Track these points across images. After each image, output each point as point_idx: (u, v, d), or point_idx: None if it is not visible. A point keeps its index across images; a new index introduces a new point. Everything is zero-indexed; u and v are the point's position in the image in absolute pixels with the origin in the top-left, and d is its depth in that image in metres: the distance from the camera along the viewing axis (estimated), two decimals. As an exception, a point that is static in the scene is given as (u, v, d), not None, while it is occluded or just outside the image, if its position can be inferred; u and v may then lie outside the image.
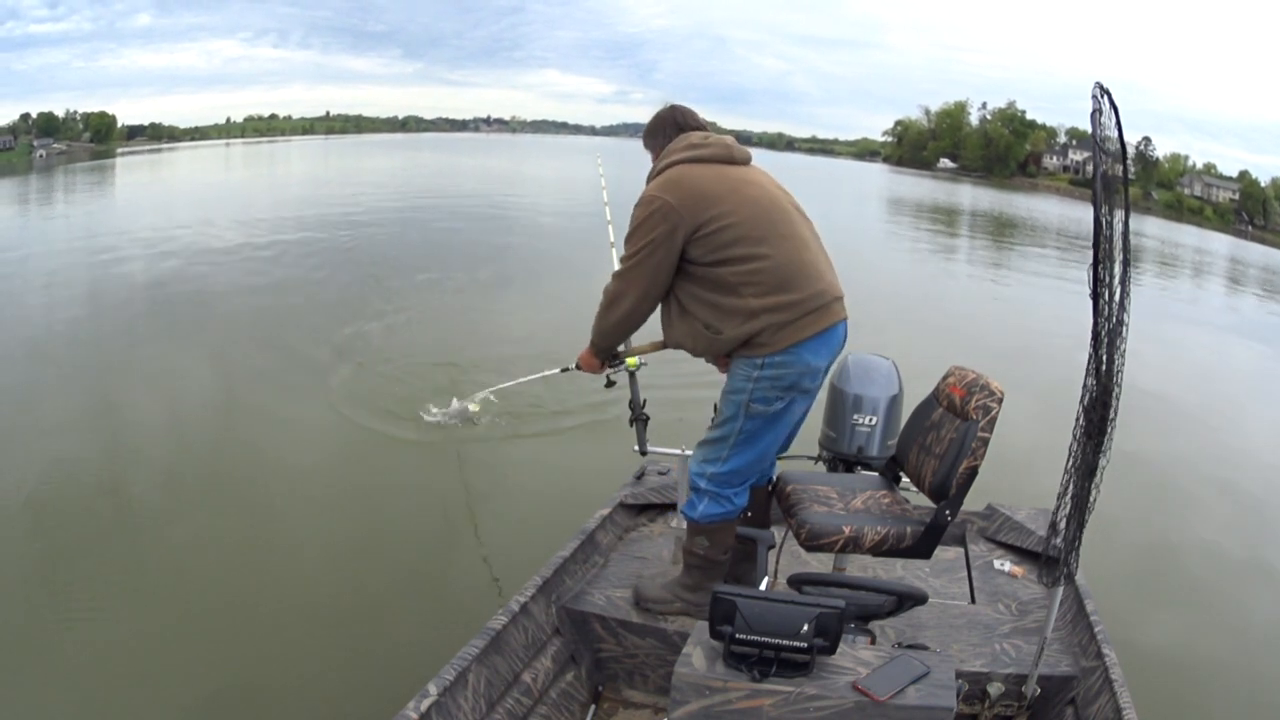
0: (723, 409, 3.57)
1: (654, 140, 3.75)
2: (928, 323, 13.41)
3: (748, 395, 3.47)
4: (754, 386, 3.45)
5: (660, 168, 3.58)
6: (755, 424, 3.53)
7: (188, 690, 4.22)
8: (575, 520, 4.35)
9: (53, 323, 11.48)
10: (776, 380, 3.45)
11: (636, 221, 3.47)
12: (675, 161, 3.54)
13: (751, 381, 3.45)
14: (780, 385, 3.46)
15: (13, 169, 53.90)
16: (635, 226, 3.48)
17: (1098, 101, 2.59)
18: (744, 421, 3.52)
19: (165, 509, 6.11)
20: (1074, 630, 3.74)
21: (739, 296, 3.37)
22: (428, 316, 12.02)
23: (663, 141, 3.69)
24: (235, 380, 8.87)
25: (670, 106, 3.77)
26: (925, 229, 35.29)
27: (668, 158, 3.58)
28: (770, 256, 3.39)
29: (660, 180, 3.51)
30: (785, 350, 3.41)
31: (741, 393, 3.48)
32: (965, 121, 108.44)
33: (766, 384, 3.45)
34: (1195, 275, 32.04)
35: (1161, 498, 7.45)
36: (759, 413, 3.50)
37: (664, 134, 3.70)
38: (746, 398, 3.48)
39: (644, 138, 3.81)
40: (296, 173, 48.64)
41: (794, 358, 3.43)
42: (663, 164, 3.58)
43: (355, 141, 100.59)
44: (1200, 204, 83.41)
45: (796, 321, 3.41)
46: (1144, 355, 11.73)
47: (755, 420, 3.52)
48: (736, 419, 3.52)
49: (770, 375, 3.43)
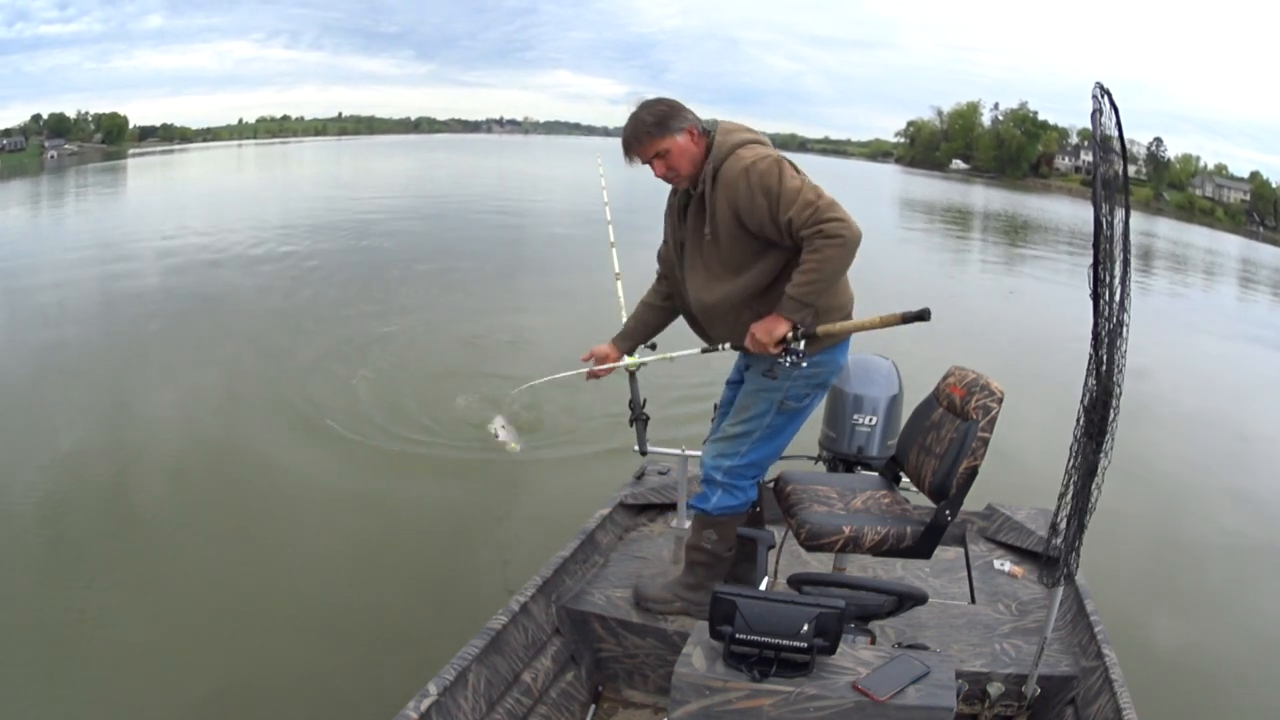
0: (752, 405, 3.56)
1: (688, 115, 3.41)
2: (929, 323, 13.34)
3: (784, 393, 3.49)
4: (792, 384, 3.47)
5: (743, 140, 3.37)
6: (784, 419, 3.56)
7: (190, 688, 4.24)
8: (575, 520, 4.35)
9: (64, 323, 11.56)
10: (813, 378, 3.48)
11: (780, 173, 3.23)
12: (754, 140, 3.40)
13: (791, 379, 3.45)
14: (814, 383, 3.51)
15: (24, 170, 54.14)
16: (783, 175, 3.23)
17: (1098, 101, 2.59)
18: (774, 417, 3.54)
19: (172, 509, 6.15)
20: (1074, 630, 3.73)
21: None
22: (446, 324, 12.00)
23: (691, 122, 3.41)
24: (246, 384, 8.88)
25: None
26: (937, 230, 35.27)
27: (738, 134, 3.40)
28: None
29: (758, 149, 3.33)
30: (827, 350, 3.44)
31: (778, 390, 3.48)
32: (977, 122, 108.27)
33: (804, 381, 3.47)
34: (1207, 277, 31.91)
35: (1166, 499, 7.43)
36: (791, 409, 3.54)
37: (687, 116, 3.42)
38: (783, 395, 3.49)
39: (671, 115, 3.39)
40: (310, 175, 48.64)
41: (831, 357, 3.49)
42: (741, 139, 3.38)
43: (368, 143, 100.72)
44: (1211, 205, 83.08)
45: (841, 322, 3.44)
46: (1153, 357, 11.75)
47: (785, 415, 3.55)
48: (766, 414, 3.53)
49: (809, 373, 3.43)
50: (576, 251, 16.75)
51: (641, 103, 3.45)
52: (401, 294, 13.41)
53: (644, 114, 3.40)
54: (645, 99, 3.47)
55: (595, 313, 5.33)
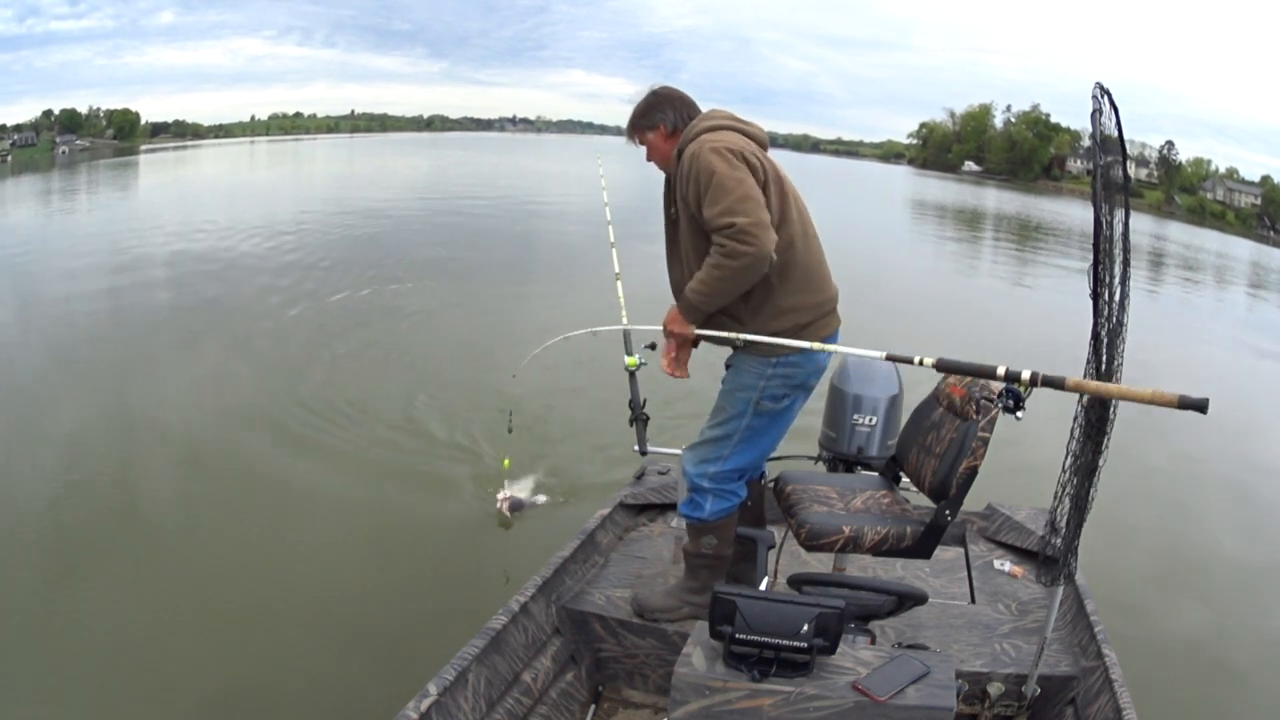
0: (728, 406, 3.55)
1: (666, 114, 3.52)
2: (931, 323, 13.40)
3: (759, 393, 3.47)
4: (766, 385, 3.46)
5: (709, 127, 3.41)
6: (762, 421, 3.54)
7: (190, 688, 4.25)
8: (575, 520, 4.36)
9: (74, 317, 11.60)
10: (788, 379, 3.46)
11: (714, 167, 3.21)
12: (724, 126, 3.41)
13: (764, 379, 3.45)
14: (792, 384, 3.48)
15: (35, 165, 54.30)
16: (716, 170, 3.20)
17: (1098, 101, 2.58)
18: (751, 419, 3.52)
19: (174, 505, 6.17)
20: (1074, 630, 3.73)
21: (769, 291, 3.34)
22: (451, 325, 12.00)
23: (685, 115, 3.51)
24: (248, 383, 8.90)
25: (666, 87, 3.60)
26: (949, 231, 35.24)
27: (710, 120, 3.45)
28: (800, 253, 3.38)
29: (718, 135, 3.34)
30: (804, 351, 3.42)
31: (752, 390, 3.47)
32: (990, 124, 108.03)
33: (779, 381, 3.46)
34: (1217, 281, 31.83)
35: (1167, 500, 7.42)
36: (768, 410, 3.51)
37: (678, 107, 3.52)
38: (757, 395, 3.48)
39: (646, 113, 3.54)
40: (322, 172, 48.66)
41: (809, 358, 3.45)
42: (709, 124, 3.42)
43: (380, 140, 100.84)
44: (1222, 209, 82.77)
45: (815, 323, 3.44)
46: (1160, 359, 11.74)
47: (763, 417, 3.53)
48: (743, 416, 3.52)
49: (783, 374, 3.44)
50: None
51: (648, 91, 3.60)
52: (414, 296, 13.41)
53: (637, 105, 3.59)
54: (655, 86, 3.60)
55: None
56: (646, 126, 3.55)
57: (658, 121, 3.52)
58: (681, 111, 3.52)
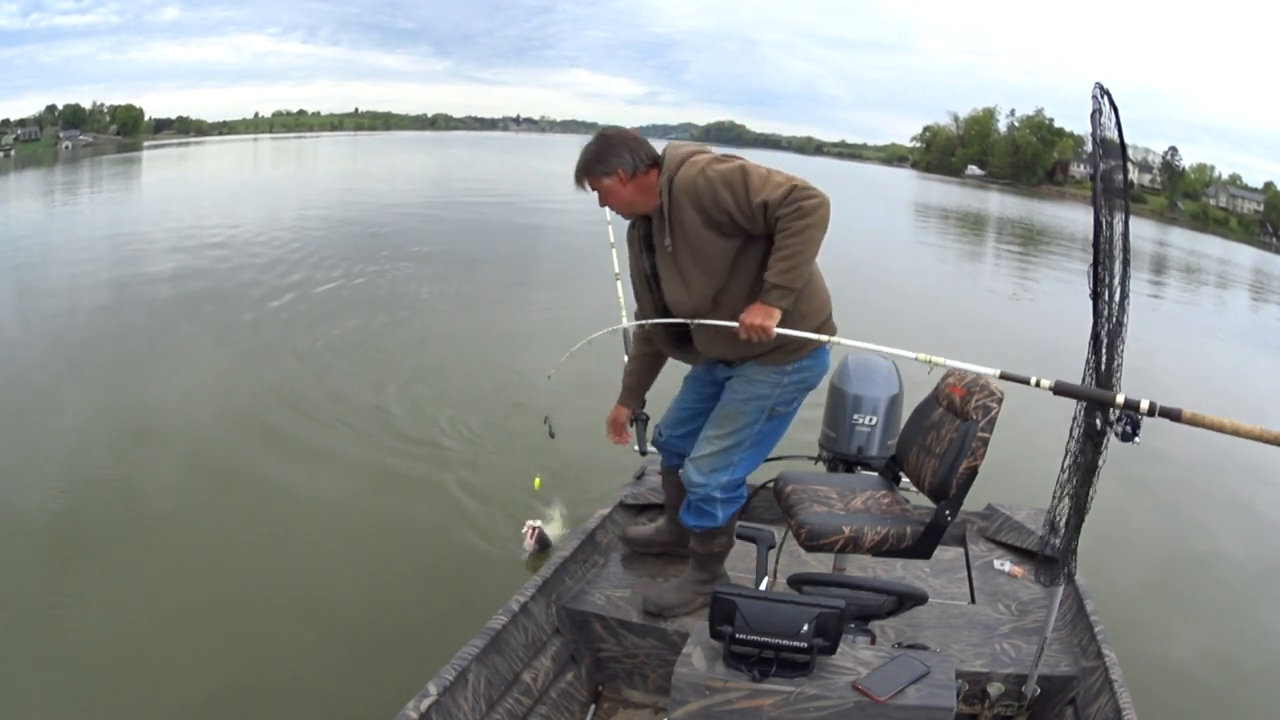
0: (741, 414, 3.55)
1: (624, 157, 3.42)
2: (932, 323, 13.38)
3: (773, 400, 3.51)
4: (781, 392, 3.50)
5: (691, 151, 3.41)
6: (773, 425, 3.59)
7: (189, 687, 4.23)
8: (577, 521, 4.36)
9: (76, 313, 11.61)
10: (801, 382, 3.52)
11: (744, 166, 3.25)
12: (701, 151, 3.43)
13: (780, 387, 3.49)
14: (803, 387, 3.54)
15: (38, 160, 54.23)
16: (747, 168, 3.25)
17: (1097, 102, 2.59)
18: (763, 425, 3.55)
19: (174, 503, 6.14)
20: (1074, 630, 3.74)
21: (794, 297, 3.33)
22: (457, 324, 11.94)
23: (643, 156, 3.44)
24: (251, 383, 8.86)
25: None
26: (951, 234, 35.23)
27: (685, 147, 3.45)
28: None
29: (705, 154, 3.38)
30: (811, 354, 3.45)
31: (767, 398, 3.50)
32: (993, 128, 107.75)
33: (793, 387, 3.50)
34: (1220, 287, 31.80)
35: (1168, 502, 7.41)
36: (780, 414, 3.57)
37: (634, 148, 3.44)
38: (772, 402, 3.51)
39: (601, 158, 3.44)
40: (326, 170, 48.53)
41: (818, 360, 3.51)
42: (690, 150, 3.42)
43: (384, 138, 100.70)
44: (1225, 215, 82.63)
45: (826, 324, 3.48)
46: (1163, 363, 11.73)
47: (774, 421, 3.58)
48: (755, 423, 3.54)
49: (797, 380, 3.49)
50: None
51: (595, 135, 3.53)
52: (423, 296, 13.38)
53: (587, 150, 3.48)
54: (603, 130, 3.53)
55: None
56: (602, 172, 3.43)
57: (614, 167, 3.41)
58: (639, 153, 3.42)
